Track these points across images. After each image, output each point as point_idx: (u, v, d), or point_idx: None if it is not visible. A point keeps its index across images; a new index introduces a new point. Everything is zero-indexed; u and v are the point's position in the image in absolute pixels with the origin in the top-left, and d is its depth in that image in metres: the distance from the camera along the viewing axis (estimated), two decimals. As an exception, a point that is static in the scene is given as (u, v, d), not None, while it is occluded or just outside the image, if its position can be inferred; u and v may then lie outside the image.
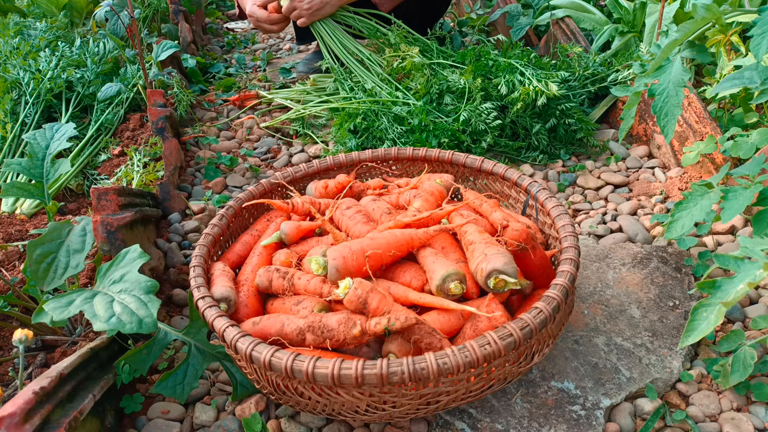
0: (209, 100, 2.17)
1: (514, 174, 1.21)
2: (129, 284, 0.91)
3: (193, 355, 1.03)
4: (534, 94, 1.59)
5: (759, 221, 0.96)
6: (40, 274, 1.01)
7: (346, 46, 1.94)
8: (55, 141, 1.26)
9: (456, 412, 0.97)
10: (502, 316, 0.91)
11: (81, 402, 0.88)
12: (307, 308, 0.96)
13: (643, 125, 1.70)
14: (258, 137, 1.91)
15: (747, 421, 0.94)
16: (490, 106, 1.61)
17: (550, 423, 0.95)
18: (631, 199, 1.49)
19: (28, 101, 1.90)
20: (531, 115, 1.65)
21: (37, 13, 2.69)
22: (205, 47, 2.81)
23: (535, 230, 1.15)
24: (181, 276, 1.31)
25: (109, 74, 2.08)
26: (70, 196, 1.72)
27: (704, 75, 1.70)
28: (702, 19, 0.97)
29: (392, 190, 1.26)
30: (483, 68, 1.69)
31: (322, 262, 0.96)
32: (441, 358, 0.79)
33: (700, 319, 0.88)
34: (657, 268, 1.24)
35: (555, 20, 2.09)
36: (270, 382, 0.89)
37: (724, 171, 1.14)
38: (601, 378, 1.02)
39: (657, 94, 1.05)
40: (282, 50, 2.78)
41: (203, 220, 1.50)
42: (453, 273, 0.92)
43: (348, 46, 1.94)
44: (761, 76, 0.96)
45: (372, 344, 0.95)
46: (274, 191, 1.29)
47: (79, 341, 1.09)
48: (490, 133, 1.59)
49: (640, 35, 1.92)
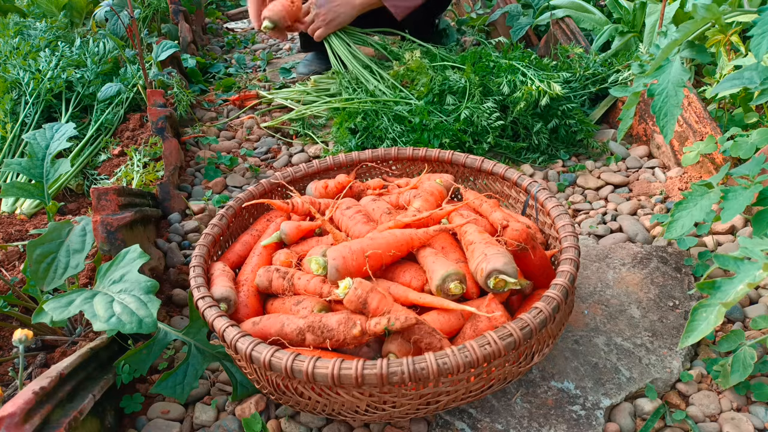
0: (209, 100, 2.17)
1: (514, 174, 1.21)
2: (129, 284, 0.91)
3: (193, 355, 1.03)
4: (537, 93, 1.59)
5: (759, 221, 0.96)
6: (40, 274, 1.01)
7: (357, 56, 1.97)
8: (55, 141, 1.26)
9: (456, 412, 0.97)
10: (502, 316, 0.91)
11: (81, 402, 0.88)
12: (307, 308, 0.96)
13: (642, 125, 1.70)
14: (258, 137, 1.91)
15: (747, 421, 0.94)
16: (492, 105, 1.61)
17: (550, 423, 0.95)
18: (631, 199, 1.49)
19: (28, 101, 1.90)
20: (532, 115, 1.65)
21: (37, 13, 2.69)
22: (205, 47, 2.81)
23: (535, 230, 1.15)
24: (181, 276, 1.31)
25: (109, 74, 2.08)
26: (70, 196, 1.72)
27: (704, 75, 1.70)
28: (701, 20, 0.97)
29: (392, 190, 1.26)
30: (483, 69, 1.69)
31: (322, 262, 0.96)
32: (441, 358, 0.79)
33: (700, 320, 0.88)
34: (657, 268, 1.24)
35: (555, 20, 2.09)
36: (270, 382, 0.89)
37: (724, 171, 1.14)
38: (601, 378, 1.02)
39: (656, 94, 1.05)
40: (282, 50, 2.78)
41: (203, 220, 1.50)
42: (453, 273, 0.92)
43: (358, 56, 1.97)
44: (761, 76, 0.96)
45: (372, 344, 0.95)
46: (274, 191, 1.29)
47: (79, 341, 1.09)
48: (492, 133, 1.59)
49: (640, 35, 1.92)
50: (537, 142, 1.65)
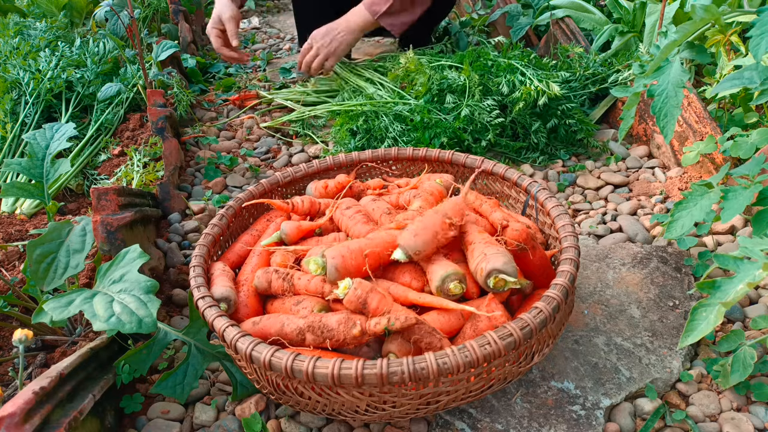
0: (209, 100, 2.17)
1: (514, 174, 1.21)
2: (129, 284, 0.91)
3: (193, 355, 1.03)
4: (536, 93, 1.59)
5: (759, 221, 0.96)
6: (40, 274, 1.01)
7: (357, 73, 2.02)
8: (55, 141, 1.26)
9: (456, 412, 0.97)
10: (502, 316, 0.91)
11: (81, 402, 0.88)
12: (306, 308, 0.96)
13: (643, 125, 1.70)
14: (258, 137, 1.91)
15: (747, 421, 0.94)
16: (492, 102, 1.61)
17: (550, 423, 0.95)
18: (631, 199, 1.49)
19: (28, 101, 1.90)
20: (531, 114, 1.65)
21: (37, 13, 2.69)
22: (205, 47, 2.81)
23: (535, 230, 1.15)
24: (181, 276, 1.31)
25: (109, 74, 2.08)
26: (70, 196, 1.72)
27: (704, 75, 1.70)
28: (701, 20, 0.97)
29: (392, 190, 1.26)
30: (482, 68, 1.69)
31: (320, 262, 0.96)
32: (441, 358, 0.79)
33: (700, 319, 0.88)
34: (657, 268, 1.24)
35: (555, 20, 2.09)
36: (270, 382, 0.89)
37: (723, 171, 1.14)
38: (601, 378, 1.02)
39: (656, 94, 1.05)
40: (282, 50, 2.78)
41: (203, 220, 1.50)
42: (452, 273, 0.92)
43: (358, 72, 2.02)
44: (761, 76, 0.96)
45: (372, 344, 0.95)
46: (274, 191, 1.29)
47: (79, 341, 1.09)
48: (492, 131, 1.59)
49: (640, 35, 1.92)
50: (536, 141, 1.65)
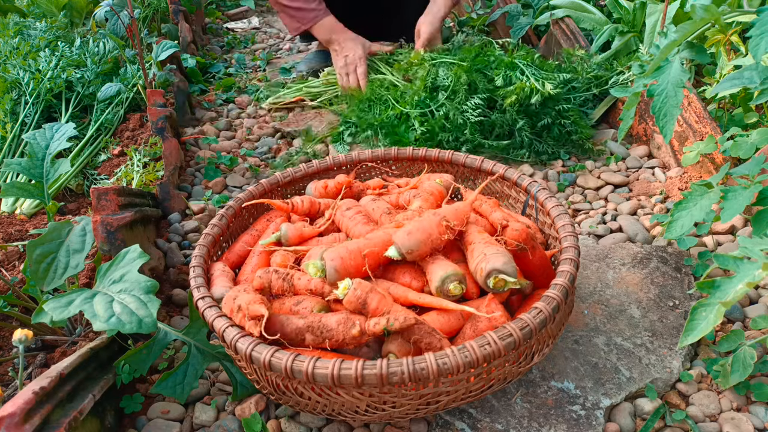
0: (209, 100, 2.17)
1: (514, 174, 1.21)
2: (129, 284, 0.91)
3: (193, 355, 1.03)
4: (528, 90, 1.59)
5: (759, 221, 0.96)
6: (40, 274, 1.01)
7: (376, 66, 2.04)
8: (55, 141, 1.26)
9: (456, 412, 0.97)
10: (501, 316, 0.91)
11: (81, 402, 0.88)
12: (306, 308, 0.96)
13: (642, 125, 1.70)
14: (258, 137, 1.91)
15: (747, 421, 0.94)
16: (479, 101, 1.62)
17: (550, 423, 0.95)
18: (631, 199, 1.49)
19: (28, 101, 1.90)
20: (518, 111, 1.64)
21: (37, 13, 2.69)
22: (205, 47, 2.81)
23: (535, 230, 1.15)
24: (181, 276, 1.31)
25: (109, 74, 2.08)
26: (70, 196, 1.72)
27: (704, 75, 1.70)
28: (701, 20, 0.97)
29: (392, 190, 1.26)
30: (483, 62, 1.69)
31: (319, 265, 0.96)
32: (441, 358, 0.79)
33: (700, 319, 0.88)
34: (657, 268, 1.24)
35: (555, 20, 2.09)
36: (270, 382, 0.89)
37: (723, 171, 1.14)
38: (601, 378, 1.02)
39: (656, 94, 1.05)
40: (282, 50, 2.78)
41: (203, 220, 1.50)
42: (452, 273, 0.92)
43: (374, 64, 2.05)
44: (761, 76, 0.96)
45: (372, 344, 0.95)
46: (274, 191, 1.29)
47: (79, 341, 1.09)
48: (470, 128, 1.60)
49: (640, 35, 1.92)
50: (520, 139, 1.65)
